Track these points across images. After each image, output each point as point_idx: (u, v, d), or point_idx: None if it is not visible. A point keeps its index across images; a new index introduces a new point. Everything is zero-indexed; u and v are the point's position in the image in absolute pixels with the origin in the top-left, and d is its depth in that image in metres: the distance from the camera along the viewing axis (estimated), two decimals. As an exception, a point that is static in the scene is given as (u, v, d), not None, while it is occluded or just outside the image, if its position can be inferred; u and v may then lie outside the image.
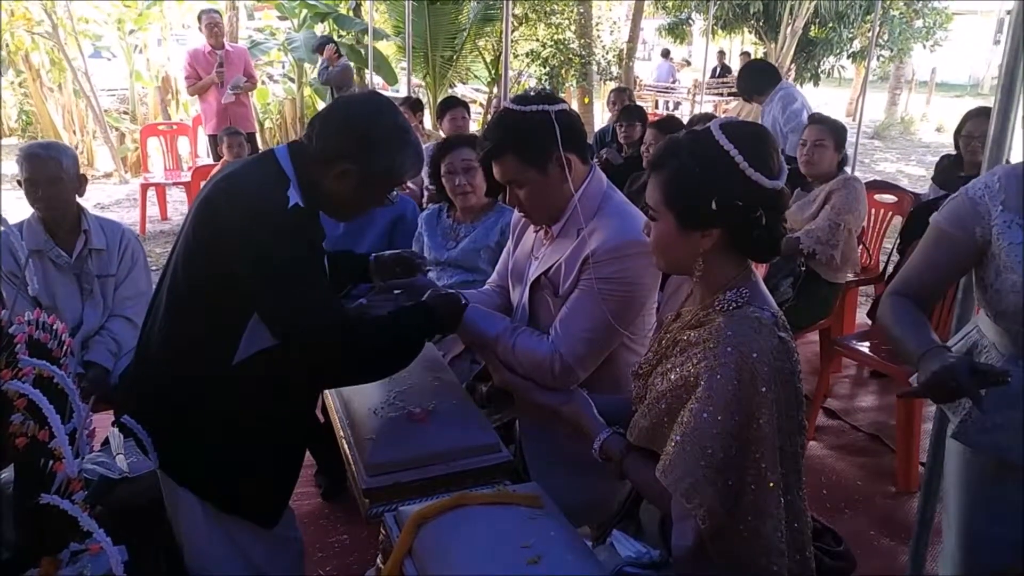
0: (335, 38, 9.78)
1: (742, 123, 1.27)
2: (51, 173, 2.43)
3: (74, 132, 9.24)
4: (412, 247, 2.75)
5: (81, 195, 2.57)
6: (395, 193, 2.70)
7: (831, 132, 3.36)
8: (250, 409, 1.54)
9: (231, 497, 1.58)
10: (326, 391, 1.95)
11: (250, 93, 6.78)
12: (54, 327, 1.44)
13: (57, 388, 1.29)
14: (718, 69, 15.40)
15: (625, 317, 1.68)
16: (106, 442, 1.92)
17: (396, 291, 1.97)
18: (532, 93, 1.75)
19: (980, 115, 3.35)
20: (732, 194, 1.19)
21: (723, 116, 1.55)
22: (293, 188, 1.49)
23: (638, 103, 6.26)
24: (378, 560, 2.12)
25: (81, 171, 2.59)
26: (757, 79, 4.93)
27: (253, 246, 1.44)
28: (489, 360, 1.81)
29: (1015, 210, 1.45)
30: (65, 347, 1.45)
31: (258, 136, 7.40)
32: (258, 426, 1.56)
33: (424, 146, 2.55)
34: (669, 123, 3.99)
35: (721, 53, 16.59)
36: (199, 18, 6.57)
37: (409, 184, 3.97)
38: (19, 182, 2.49)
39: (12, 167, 2.54)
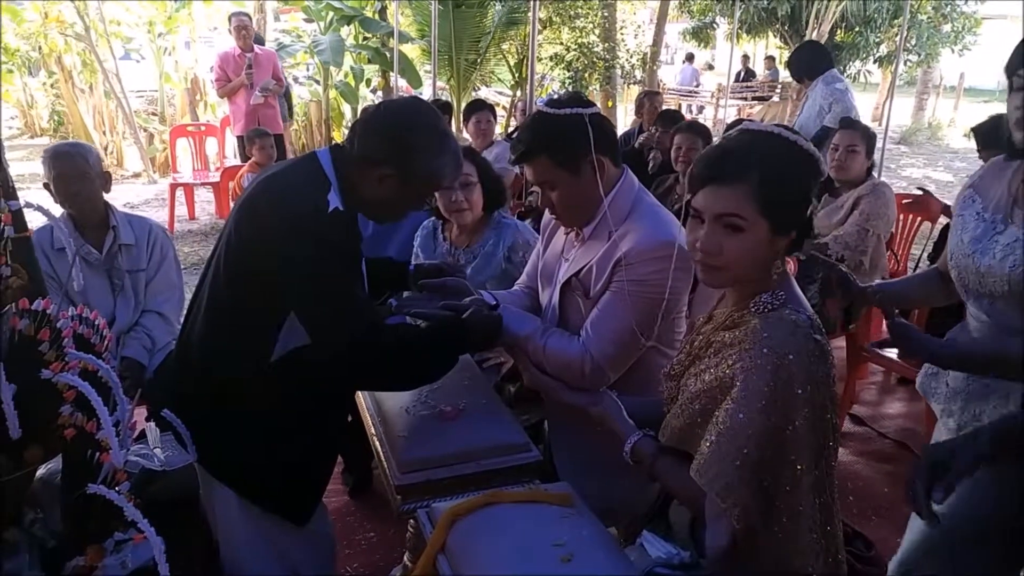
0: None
1: (782, 124, 1.28)
2: (79, 169, 2.48)
3: (104, 133, 9.37)
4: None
5: (107, 191, 2.61)
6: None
7: (863, 137, 3.34)
8: (287, 406, 1.57)
9: (266, 494, 1.61)
10: (357, 389, 1.98)
11: (278, 95, 6.84)
12: (96, 322, 1.48)
13: (101, 381, 1.33)
14: (742, 73, 15.32)
15: (657, 319, 1.68)
16: (140, 436, 1.96)
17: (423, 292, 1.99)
18: (565, 96, 1.76)
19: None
20: (814, 193, 1.22)
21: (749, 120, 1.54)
22: (334, 191, 1.53)
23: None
24: (405, 557, 2.15)
25: (106, 169, 2.63)
26: (814, 59, 4.70)
27: (290, 248, 1.47)
28: (519, 360, 1.83)
29: (974, 187, 1.57)
30: (106, 342, 1.49)
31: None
32: (295, 424, 1.58)
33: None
34: (696, 127, 3.97)
35: (745, 57, 16.51)
36: (229, 20, 6.65)
37: None
38: (45, 184, 2.53)
39: (37, 168, 2.59)
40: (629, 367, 1.74)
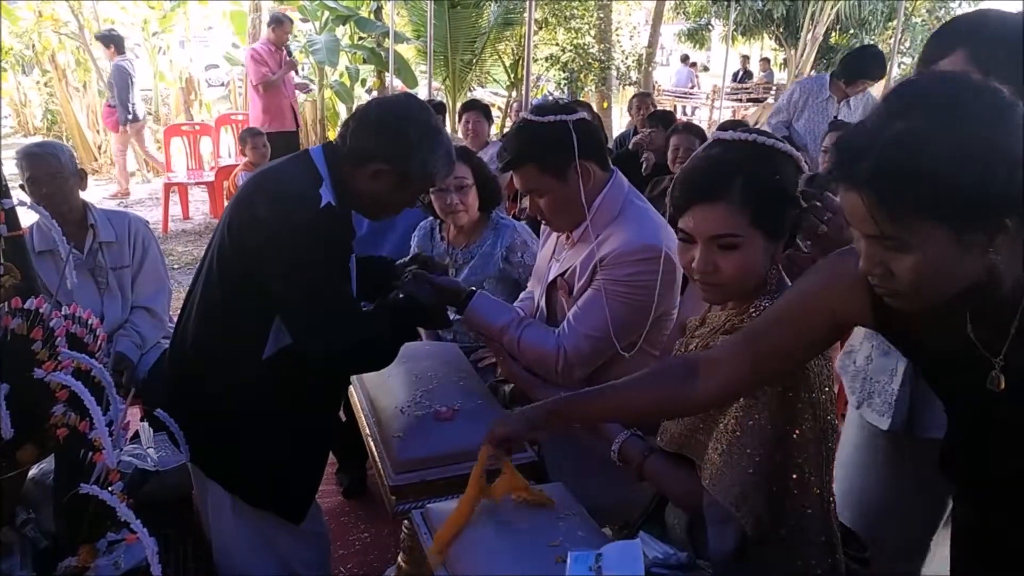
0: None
1: (757, 128, 1.29)
2: (50, 169, 2.42)
3: (98, 132, 9.33)
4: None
5: (83, 189, 2.57)
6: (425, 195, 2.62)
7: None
8: (279, 404, 1.57)
9: (259, 491, 1.61)
10: (351, 390, 1.97)
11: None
12: (88, 322, 1.47)
13: (94, 381, 1.32)
14: (740, 74, 15.35)
15: (634, 320, 1.70)
16: (134, 437, 1.95)
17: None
18: (549, 104, 1.78)
19: None
20: (797, 192, 1.21)
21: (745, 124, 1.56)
22: (326, 186, 1.52)
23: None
24: (399, 558, 2.14)
25: (80, 166, 2.58)
26: (871, 64, 4.35)
27: (279, 241, 1.47)
28: (495, 351, 1.84)
29: None
30: (99, 341, 1.48)
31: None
32: (286, 421, 1.58)
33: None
34: (692, 128, 3.98)
35: (745, 58, 16.52)
36: (271, 19, 6.74)
37: None
38: (21, 186, 2.48)
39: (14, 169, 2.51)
40: (614, 367, 1.75)
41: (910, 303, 0.92)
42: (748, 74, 15.75)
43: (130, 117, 7.38)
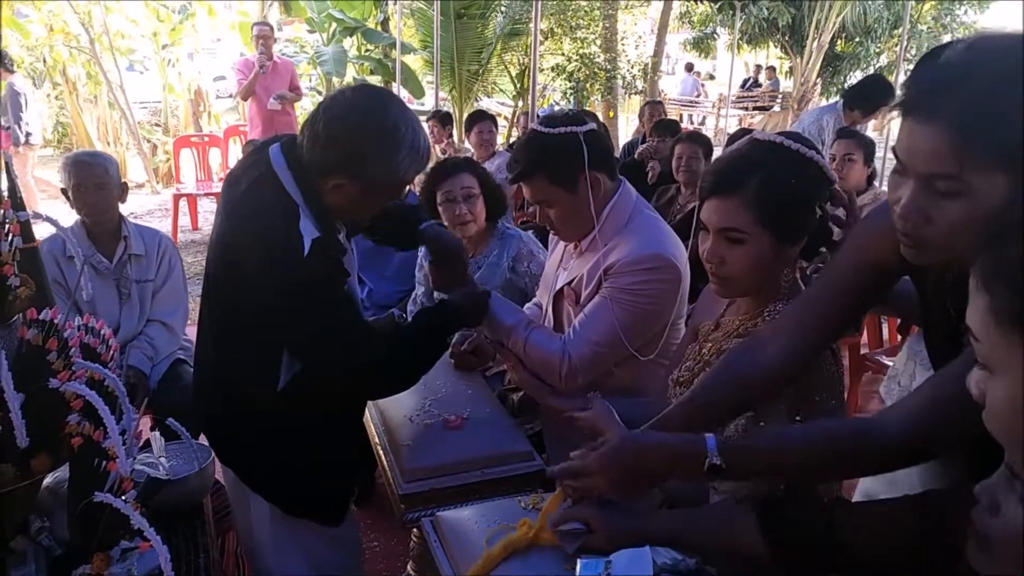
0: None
1: (788, 132, 1.30)
2: (98, 179, 2.54)
3: (108, 143, 9.41)
4: (416, 276, 2.72)
5: (123, 202, 2.68)
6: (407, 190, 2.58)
7: (860, 146, 3.35)
8: (305, 422, 1.56)
9: (298, 499, 1.62)
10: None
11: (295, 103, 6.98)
12: (101, 332, 1.49)
13: (107, 390, 1.34)
14: (750, 81, 15.34)
15: (639, 329, 1.70)
16: (145, 446, 1.97)
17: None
18: (559, 115, 1.80)
19: None
20: (822, 197, 1.22)
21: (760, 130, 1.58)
22: (304, 215, 1.44)
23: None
24: (408, 567, 2.15)
25: (123, 180, 2.69)
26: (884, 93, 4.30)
27: (278, 303, 1.44)
28: (506, 357, 1.85)
29: None
30: (112, 351, 1.50)
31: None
32: (316, 435, 1.58)
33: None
34: (697, 137, 3.99)
35: (758, 67, 16.48)
36: (251, 30, 6.83)
37: None
38: (63, 191, 2.57)
39: (53, 176, 2.63)
40: (622, 371, 1.77)
41: (929, 255, 0.88)
42: (757, 84, 15.77)
43: (23, 138, 7.05)
